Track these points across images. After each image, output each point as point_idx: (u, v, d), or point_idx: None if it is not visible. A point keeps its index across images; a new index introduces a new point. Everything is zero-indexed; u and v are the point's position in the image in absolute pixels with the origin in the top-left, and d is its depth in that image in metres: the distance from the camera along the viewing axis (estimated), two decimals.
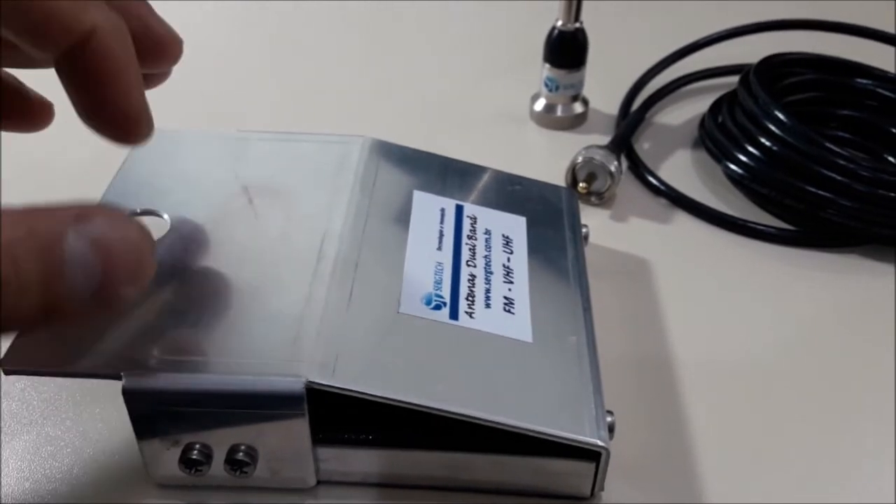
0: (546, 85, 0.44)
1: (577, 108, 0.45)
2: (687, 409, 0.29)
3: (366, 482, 0.27)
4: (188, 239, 0.29)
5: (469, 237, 0.30)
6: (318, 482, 0.26)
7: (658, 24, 0.55)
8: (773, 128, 0.37)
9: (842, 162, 0.35)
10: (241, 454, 0.25)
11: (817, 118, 0.42)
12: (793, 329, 0.33)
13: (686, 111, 0.46)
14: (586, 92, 0.45)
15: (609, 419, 0.25)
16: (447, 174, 0.33)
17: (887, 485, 0.27)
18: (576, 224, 0.33)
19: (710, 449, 0.28)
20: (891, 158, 0.41)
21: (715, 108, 0.43)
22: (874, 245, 0.36)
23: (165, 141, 0.32)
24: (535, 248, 0.31)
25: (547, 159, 0.42)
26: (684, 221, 0.38)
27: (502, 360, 0.26)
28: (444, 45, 0.53)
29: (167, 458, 0.25)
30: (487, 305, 0.28)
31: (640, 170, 0.41)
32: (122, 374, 0.23)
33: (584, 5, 0.42)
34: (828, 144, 0.36)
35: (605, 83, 0.46)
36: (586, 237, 0.33)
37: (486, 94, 0.47)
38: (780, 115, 0.37)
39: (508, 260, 0.30)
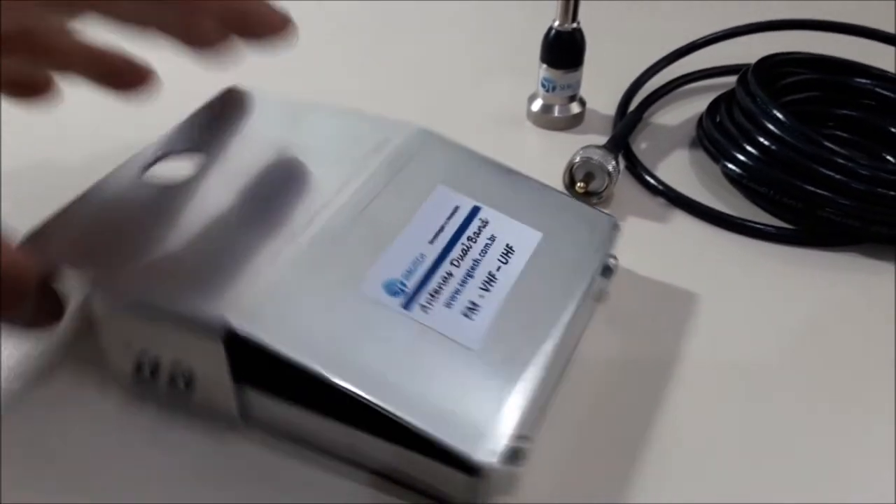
0: (543, 85, 0.44)
1: (575, 108, 0.44)
2: (685, 408, 0.29)
3: (286, 437, 0.28)
4: (208, 179, 0.32)
5: (469, 238, 0.30)
6: (246, 424, 0.28)
7: (656, 24, 0.55)
8: (771, 127, 0.37)
9: (840, 161, 0.35)
10: (179, 374, 0.27)
11: (815, 118, 0.42)
12: (792, 327, 0.32)
13: (684, 111, 0.46)
14: (584, 92, 0.45)
15: (521, 445, 0.24)
16: (488, 177, 0.33)
17: (887, 485, 0.27)
18: (602, 253, 0.31)
19: (709, 447, 0.28)
20: (889, 157, 0.41)
21: (713, 107, 0.43)
22: (873, 244, 0.36)
23: (240, 97, 0.36)
24: (537, 265, 0.30)
25: (544, 159, 0.42)
26: (682, 221, 0.38)
27: (431, 358, 0.26)
28: (441, 46, 0.53)
29: (124, 359, 0.28)
30: (448, 305, 0.28)
31: (637, 169, 0.41)
32: (90, 272, 0.27)
33: (582, 5, 0.42)
34: (826, 143, 0.36)
35: (603, 83, 0.46)
36: (611, 268, 0.32)
37: (483, 94, 0.47)
38: (779, 115, 0.37)
39: (498, 269, 0.29)
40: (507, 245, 0.30)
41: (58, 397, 0.29)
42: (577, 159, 0.38)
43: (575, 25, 0.42)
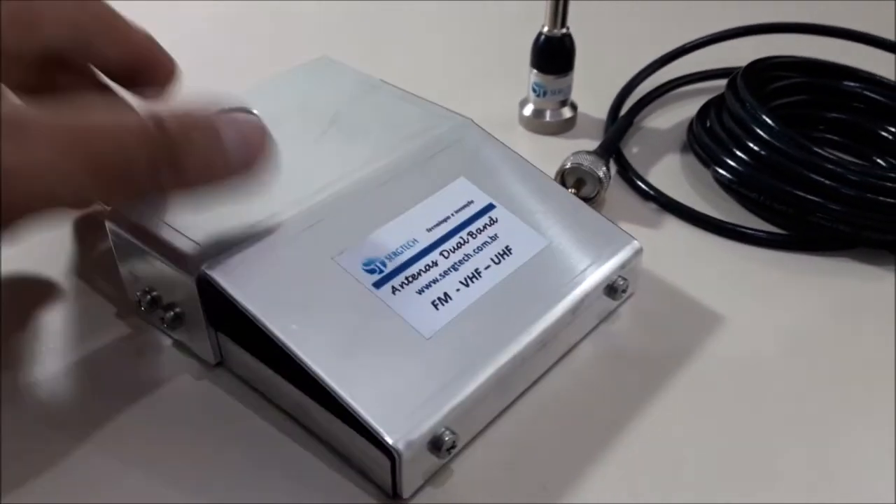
0: (534, 90, 0.44)
1: (566, 113, 0.44)
2: (680, 413, 0.29)
3: (257, 387, 0.29)
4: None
5: (470, 234, 0.30)
6: (222, 367, 0.30)
7: (646, 29, 0.55)
8: (760, 132, 0.37)
9: (830, 166, 0.35)
10: (171, 309, 0.29)
11: (806, 121, 0.42)
12: (784, 332, 0.32)
13: (675, 115, 0.46)
14: (575, 96, 0.45)
15: (445, 437, 0.25)
16: (518, 180, 0.33)
17: (886, 487, 0.27)
18: (606, 272, 0.31)
19: (704, 451, 0.28)
20: (880, 161, 0.41)
21: (703, 112, 0.43)
22: (865, 248, 0.36)
23: (326, 67, 0.39)
24: (529, 270, 0.30)
25: (536, 164, 0.41)
26: (673, 226, 0.38)
27: (379, 338, 0.26)
28: (432, 51, 0.53)
29: (132, 289, 0.30)
30: (420, 292, 0.28)
31: (629, 174, 0.41)
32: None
33: (572, 9, 0.42)
34: (815, 149, 0.36)
35: (594, 88, 0.46)
36: (617, 289, 0.31)
37: (475, 99, 0.47)
38: (767, 120, 0.37)
39: (487, 267, 0.29)
40: (507, 247, 0.30)
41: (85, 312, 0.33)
42: (568, 165, 0.38)
43: (564, 31, 0.42)
